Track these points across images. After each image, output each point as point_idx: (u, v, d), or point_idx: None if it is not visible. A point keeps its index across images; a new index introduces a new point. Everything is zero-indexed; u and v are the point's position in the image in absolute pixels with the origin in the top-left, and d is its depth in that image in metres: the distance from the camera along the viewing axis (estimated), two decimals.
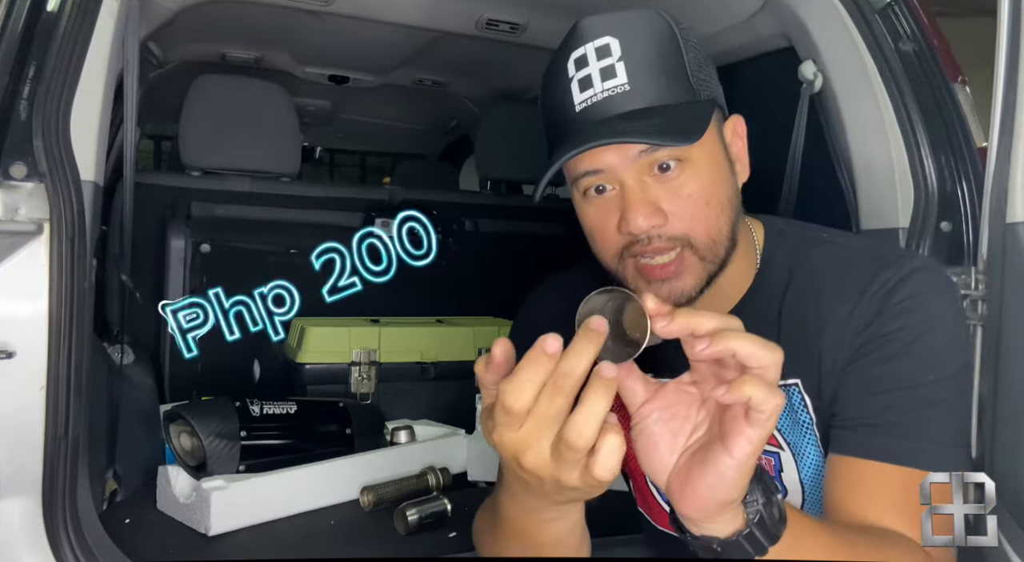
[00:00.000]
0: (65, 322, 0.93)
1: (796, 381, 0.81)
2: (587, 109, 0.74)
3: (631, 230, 0.74)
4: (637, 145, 0.72)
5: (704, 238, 0.75)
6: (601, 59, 0.74)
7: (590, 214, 0.78)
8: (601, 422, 0.52)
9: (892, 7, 1.21)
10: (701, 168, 0.75)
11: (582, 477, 0.55)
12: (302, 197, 1.94)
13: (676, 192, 0.74)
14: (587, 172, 0.75)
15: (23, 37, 0.98)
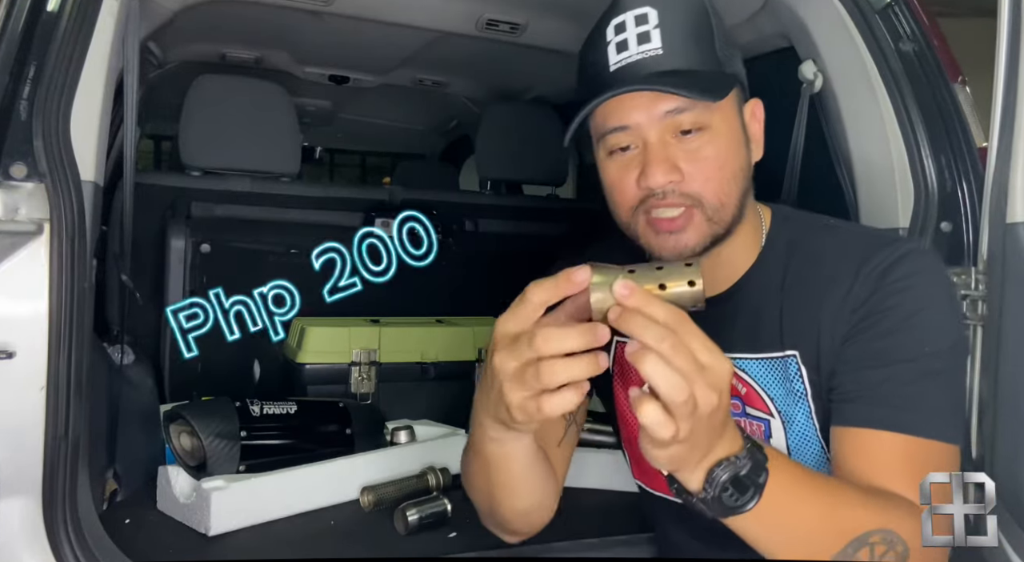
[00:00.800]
0: (65, 322, 0.93)
1: (795, 352, 0.87)
2: (621, 69, 0.80)
3: (649, 184, 0.80)
4: (663, 106, 0.79)
5: (714, 199, 0.82)
6: (639, 26, 0.80)
7: (612, 170, 0.85)
8: (571, 380, 0.60)
9: (892, 7, 1.21)
10: (719, 136, 0.82)
11: (521, 404, 0.62)
12: (302, 197, 1.94)
13: (694, 154, 0.81)
14: (615, 128, 0.82)
15: (23, 37, 0.98)
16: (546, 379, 0.60)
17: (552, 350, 0.59)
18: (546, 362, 0.60)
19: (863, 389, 0.81)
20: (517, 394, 0.62)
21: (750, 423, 0.90)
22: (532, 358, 0.60)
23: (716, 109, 0.82)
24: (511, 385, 0.62)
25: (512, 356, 0.62)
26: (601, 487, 1.33)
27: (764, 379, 0.89)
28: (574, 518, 1.20)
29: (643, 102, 0.80)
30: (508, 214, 2.13)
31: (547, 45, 1.87)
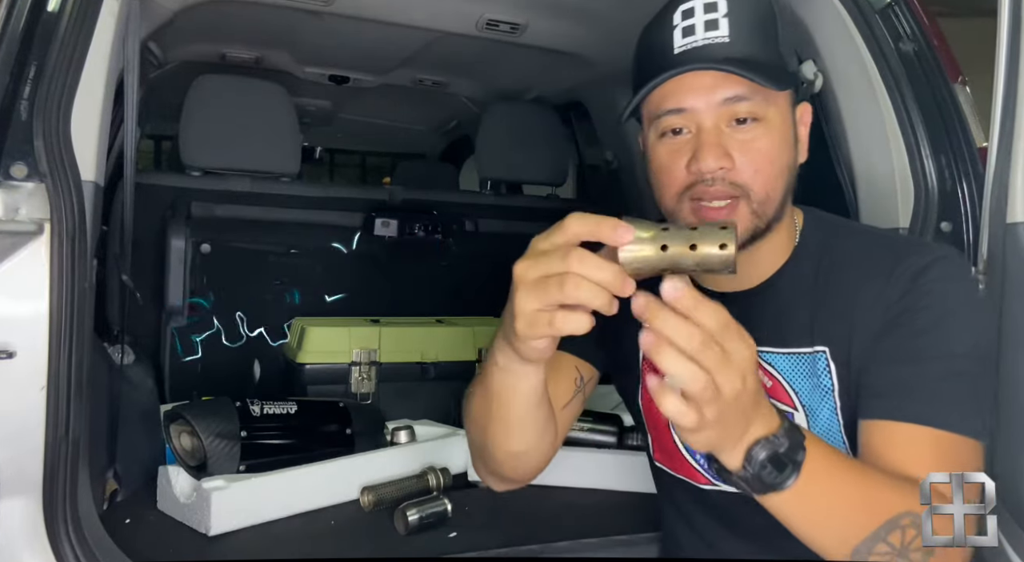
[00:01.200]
0: (65, 322, 0.93)
1: (824, 349, 0.87)
2: (685, 52, 0.81)
3: (700, 168, 0.80)
4: (723, 93, 0.80)
5: (760, 192, 0.82)
6: (707, 13, 0.81)
7: (661, 153, 0.84)
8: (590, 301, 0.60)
9: (892, 7, 1.21)
10: (773, 130, 0.83)
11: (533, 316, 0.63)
12: (302, 197, 1.94)
13: (747, 144, 0.82)
14: (670, 110, 0.82)
15: (24, 37, 0.98)
16: (569, 289, 0.60)
17: (583, 270, 0.60)
18: (573, 275, 0.60)
19: (894, 384, 0.82)
20: (532, 303, 0.63)
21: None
22: (560, 271, 0.61)
23: (773, 103, 0.83)
24: (528, 294, 0.63)
25: (537, 267, 0.63)
26: (601, 487, 1.33)
27: (790, 373, 0.90)
28: (574, 518, 1.21)
29: (703, 86, 0.81)
30: (508, 214, 2.13)
31: (547, 45, 1.87)
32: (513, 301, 0.64)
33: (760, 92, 0.81)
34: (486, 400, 0.83)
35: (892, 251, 0.87)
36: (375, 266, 1.95)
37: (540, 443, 0.90)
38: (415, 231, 1.98)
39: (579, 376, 0.97)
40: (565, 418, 0.97)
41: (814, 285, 0.89)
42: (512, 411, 0.82)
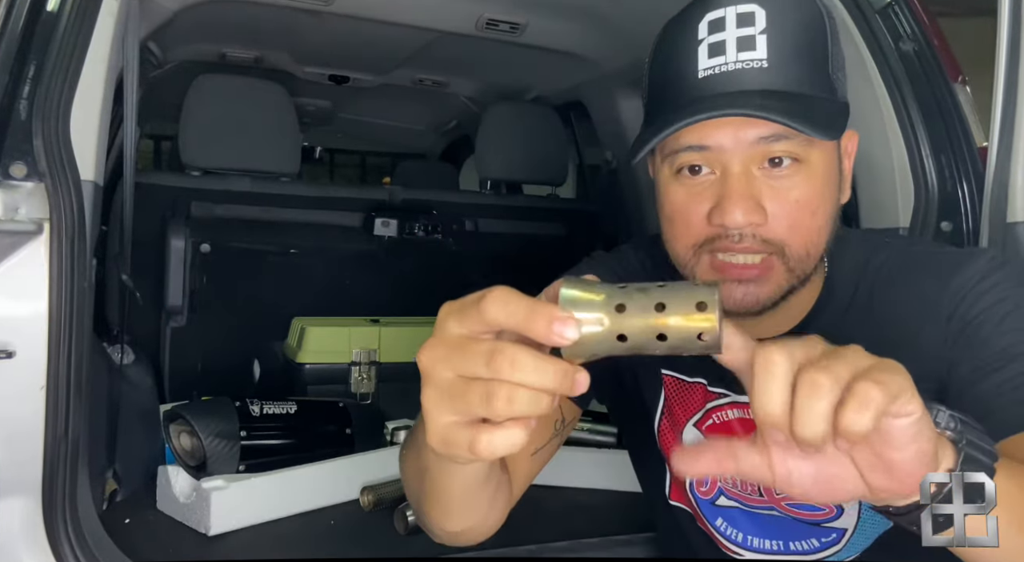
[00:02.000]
0: (65, 322, 0.93)
1: None
2: (712, 77, 0.65)
3: (725, 223, 0.66)
4: (757, 131, 0.65)
5: (800, 250, 0.68)
6: (741, 27, 0.65)
7: (677, 195, 0.69)
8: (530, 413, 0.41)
9: (892, 7, 1.21)
10: (816, 174, 0.68)
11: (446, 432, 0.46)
12: (302, 197, 1.94)
13: (784, 193, 0.66)
14: (690, 147, 0.67)
15: (23, 37, 0.98)
16: (499, 405, 0.41)
17: (517, 377, 0.41)
18: (503, 384, 0.41)
19: (994, 398, 0.68)
20: (446, 415, 0.46)
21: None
22: (484, 377, 0.43)
23: (817, 143, 0.67)
24: (439, 401, 0.47)
25: (451, 363, 0.45)
26: (601, 487, 1.33)
27: None
28: (574, 518, 1.21)
29: (733, 122, 0.65)
30: (508, 214, 2.13)
31: (547, 45, 1.87)
32: (422, 402, 0.48)
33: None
34: (418, 472, 0.65)
35: (937, 271, 0.74)
36: (375, 266, 1.95)
37: (484, 518, 0.72)
38: (415, 231, 1.98)
39: (560, 418, 0.79)
40: (536, 464, 0.79)
41: (854, 319, 0.76)
42: (450, 496, 0.64)
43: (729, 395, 0.81)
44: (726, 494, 0.82)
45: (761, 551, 0.80)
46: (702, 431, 0.81)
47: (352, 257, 1.94)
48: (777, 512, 0.80)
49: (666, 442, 0.86)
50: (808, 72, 0.67)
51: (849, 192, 0.75)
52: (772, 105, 0.63)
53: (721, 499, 0.82)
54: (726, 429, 0.81)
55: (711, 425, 0.82)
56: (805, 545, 0.79)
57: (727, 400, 0.80)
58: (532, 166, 2.18)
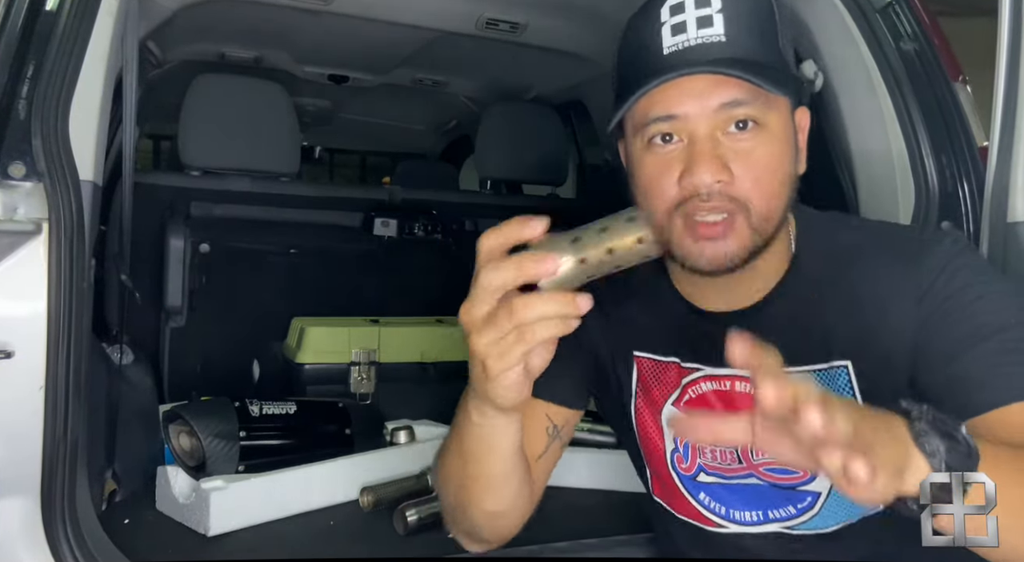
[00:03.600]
0: (64, 322, 0.93)
1: (845, 363, 0.80)
2: (676, 53, 0.72)
3: (695, 183, 0.72)
4: (719, 97, 0.71)
5: (761, 207, 0.74)
6: (699, 8, 0.72)
7: (649, 165, 0.75)
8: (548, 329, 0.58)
9: (893, 6, 1.21)
10: (775, 137, 0.74)
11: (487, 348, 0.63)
12: (302, 197, 1.94)
13: (747, 154, 0.73)
14: (659, 117, 0.73)
15: (22, 36, 0.98)
16: (528, 336, 0.59)
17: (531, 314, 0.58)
18: (525, 326, 0.59)
19: (965, 378, 0.73)
20: (490, 334, 0.62)
21: None
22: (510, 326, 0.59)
23: (773, 107, 0.74)
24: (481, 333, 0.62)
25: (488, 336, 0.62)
26: (601, 487, 1.33)
27: None
28: (574, 518, 1.21)
29: (697, 90, 0.71)
30: (508, 214, 2.11)
31: (547, 45, 1.87)
32: (471, 349, 0.63)
33: (760, 96, 0.72)
34: (461, 459, 0.78)
35: (903, 251, 0.80)
36: (375, 266, 1.95)
37: (517, 501, 0.84)
38: (415, 231, 1.97)
39: (551, 425, 0.89)
40: (541, 469, 0.89)
41: (822, 295, 0.81)
42: (490, 468, 0.78)
43: (703, 369, 0.85)
44: (706, 470, 0.86)
45: (743, 523, 0.85)
46: (680, 408, 0.86)
47: (352, 257, 1.94)
48: (756, 479, 0.84)
49: (643, 424, 0.91)
50: (760, 46, 0.74)
51: (804, 164, 0.80)
52: (730, 68, 0.71)
53: (701, 476, 0.86)
54: (702, 402, 0.85)
55: (688, 400, 0.86)
56: (783, 512, 0.83)
57: (701, 374, 0.85)
58: (532, 166, 2.18)
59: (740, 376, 0.81)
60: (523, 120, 2.20)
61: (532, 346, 0.59)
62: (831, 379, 0.80)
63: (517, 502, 0.84)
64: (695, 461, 0.87)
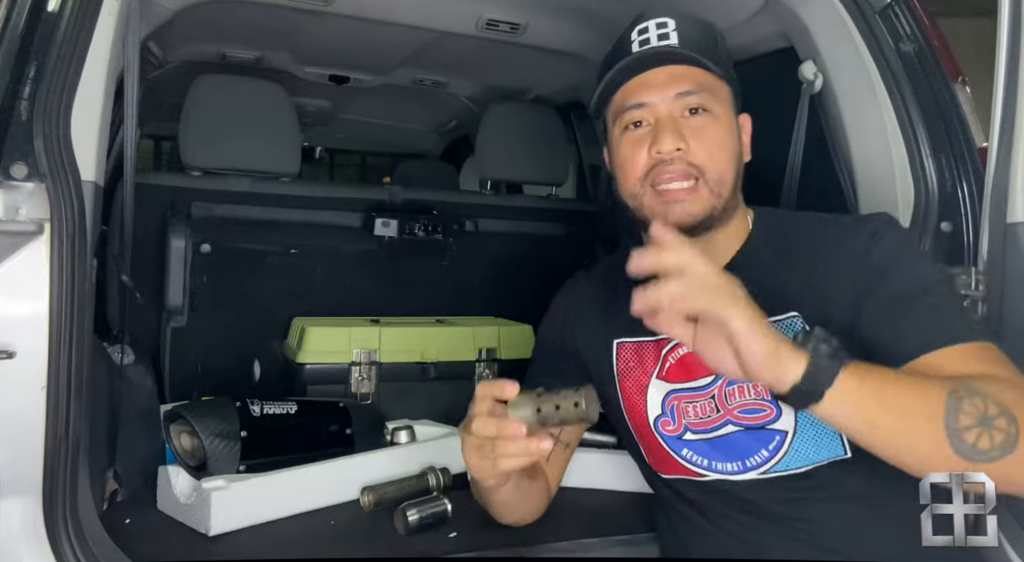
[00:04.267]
0: (66, 322, 0.93)
1: (796, 313, 0.95)
2: (642, 52, 0.95)
3: (660, 149, 0.93)
4: (676, 88, 0.94)
5: (715, 173, 0.94)
6: (659, 29, 0.96)
7: (625, 145, 0.97)
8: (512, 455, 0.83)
9: (892, 7, 1.21)
10: (720, 122, 0.96)
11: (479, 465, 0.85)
12: (302, 197, 1.94)
13: (699, 131, 0.94)
14: (632, 105, 0.96)
15: (24, 37, 0.98)
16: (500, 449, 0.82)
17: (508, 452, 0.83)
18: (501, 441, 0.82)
19: (900, 331, 0.88)
20: (475, 457, 0.85)
21: (754, 384, 0.96)
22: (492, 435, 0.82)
23: (718, 100, 0.96)
24: (470, 450, 0.85)
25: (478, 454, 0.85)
26: (601, 487, 1.33)
27: None
28: (574, 518, 1.21)
29: (659, 82, 0.94)
30: (508, 214, 2.13)
31: (547, 45, 1.87)
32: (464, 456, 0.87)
33: (707, 88, 0.94)
34: (477, 492, 1.06)
35: (842, 224, 0.99)
36: (375, 266, 1.95)
37: (533, 507, 1.09)
38: (415, 231, 1.97)
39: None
40: (555, 466, 1.12)
41: (775, 262, 0.98)
42: (499, 502, 1.05)
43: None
44: (691, 429, 1.00)
45: (724, 472, 0.98)
46: (664, 378, 1.02)
47: (352, 257, 1.94)
48: (732, 425, 0.97)
49: (629, 401, 1.05)
50: (705, 54, 0.95)
51: (749, 156, 1.01)
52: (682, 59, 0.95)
53: (687, 434, 1.01)
54: (681, 365, 1.01)
55: (670, 368, 1.02)
56: (758, 459, 0.96)
57: (676, 341, 0.99)
58: (532, 166, 2.18)
59: None
60: (523, 120, 2.19)
61: (505, 471, 0.85)
62: (788, 328, 0.95)
63: (530, 507, 1.10)
64: (681, 422, 1.01)
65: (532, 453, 0.82)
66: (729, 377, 0.82)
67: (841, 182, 1.33)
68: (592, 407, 0.84)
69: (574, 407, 0.84)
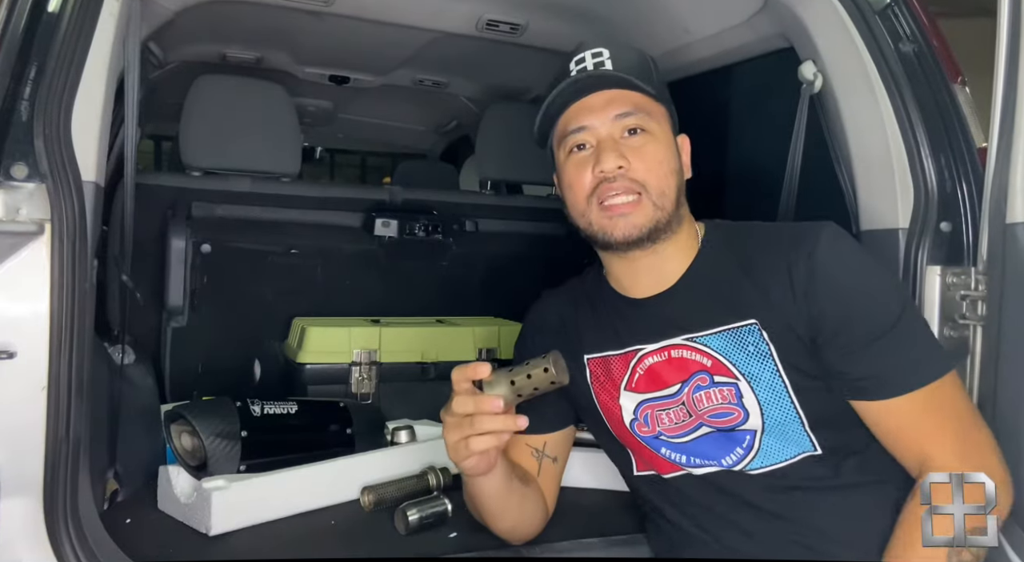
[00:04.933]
0: (66, 322, 0.94)
1: (754, 320, 0.99)
2: (581, 76, 1.01)
3: (603, 168, 0.98)
4: (614, 110, 1.00)
5: (656, 187, 0.99)
6: (595, 58, 1.02)
7: (570, 167, 1.03)
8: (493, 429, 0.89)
9: (892, 8, 1.21)
10: (658, 141, 1.01)
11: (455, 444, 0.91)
12: (302, 197, 1.94)
13: (639, 149, 1.00)
14: (574, 129, 1.02)
15: (24, 37, 0.98)
16: (477, 425, 0.89)
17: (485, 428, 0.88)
18: (478, 417, 0.88)
19: (860, 377, 0.94)
20: (453, 435, 0.90)
21: (720, 390, 0.99)
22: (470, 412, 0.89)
23: (655, 120, 1.02)
24: (450, 429, 0.91)
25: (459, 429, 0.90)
26: (601, 487, 1.33)
27: (724, 349, 1.00)
28: (574, 518, 1.21)
29: (598, 106, 1.01)
30: (508, 214, 2.13)
31: (547, 45, 1.87)
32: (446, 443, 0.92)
33: (643, 109, 1.01)
34: (469, 499, 1.09)
35: (785, 237, 1.00)
36: (375, 266, 1.95)
37: (523, 517, 1.09)
38: (415, 231, 1.97)
39: (532, 450, 1.13)
40: (545, 483, 1.14)
41: (730, 271, 1.02)
42: (488, 503, 1.05)
43: (644, 347, 1.05)
44: (666, 434, 1.04)
45: (703, 467, 1.02)
46: (633, 390, 1.06)
47: (352, 257, 1.94)
48: (706, 428, 1.02)
49: (607, 409, 1.09)
50: (640, 76, 1.01)
51: (689, 173, 1.06)
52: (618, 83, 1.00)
53: (663, 437, 1.05)
54: (651, 373, 1.05)
55: (638, 379, 1.06)
56: (733, 457, 1.01)
57: (643, 351, 1.05)
58: (532, 166, 2.18)
59: (674, 345, 1.03)
60: (523, 120, 2.19)
61: (479, 450, 0.90)
62: (747, 334, 0.99)
63: (524, 516, 1.09)
64: (655, 428, 1.05)
65: (509, 427, 0.88)
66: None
67: (841, 182, 1.33)
68: (561, 369, 0.89)
69: (544, 373, 0.89)
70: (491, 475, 0.98)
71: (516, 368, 0.91)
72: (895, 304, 0.96)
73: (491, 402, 0.87)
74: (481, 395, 0.89)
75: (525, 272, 1.94)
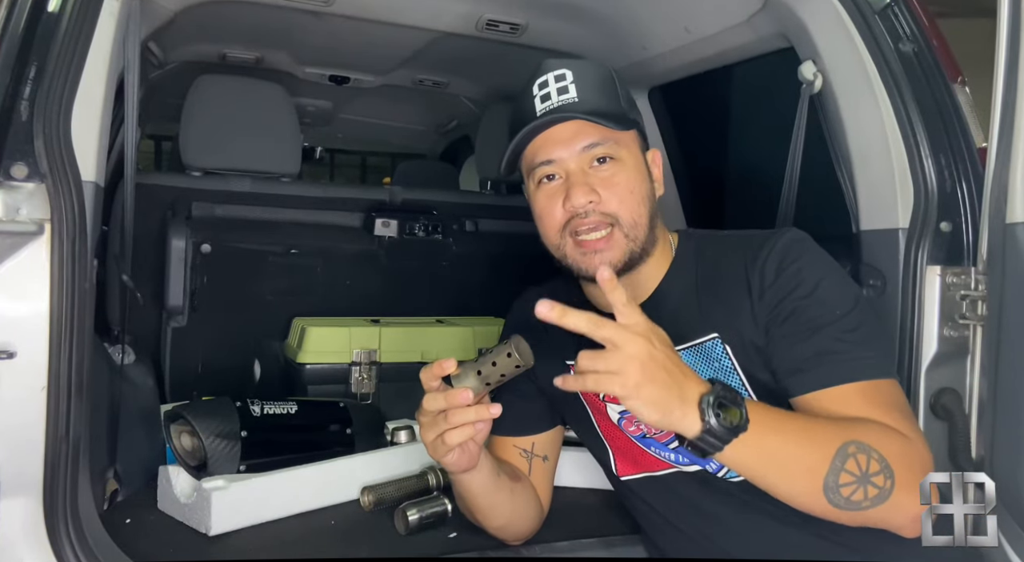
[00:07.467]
0: (66, 322, 0.94)
1: (716, 334, 1.00)
2: (545, 114, 0.99)
3: (574, 204, 0.97)
4: (582, 142, 0.98)
5: (628, 219, 0.99)
6: (558, 82, 1.00)
7: (540, 199, 1.02)
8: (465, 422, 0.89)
9: (892, 7, 1.21)
10: (628, 168, 1.00)
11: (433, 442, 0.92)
12: (302, 197, 1.94)
13: (608, 180, 0.99)
14: (542, 162, 1.00)
15: (24, 37, 0.98)
16: (451, 420, 0.89)
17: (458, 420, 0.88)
18: (451, 411, 0.89)
19: (806, 359, 0.93)
20: (429, 434, 0.91)
21: None
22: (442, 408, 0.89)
23: (624, 146, 1.00)
24: (425, 429, 0.91)
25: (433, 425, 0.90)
26: (601, 487, 1.33)
27: (693, 364, 1.00)
28: (574, 518, 1.21)
29: (565, 138, 0.99)
30: (508, 214, 2.13)
31: (547, 45, 1.87)
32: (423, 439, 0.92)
33: (611, 137, 0.98)
34: (458, 497, 1.08)
35: (746, 247, 1.00)
36: (375, 266, 1.95)
37: (514, 515, 1.08)
38: (415, 231, 1.98)
39: (520, 450, 1.13)
40: (537, 483, 1.13)
41: (695, 287, 1.03)
42: (477, 500, 1.04)
43: None
44: (648, 435, 1.06)
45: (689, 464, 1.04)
46: (614, 399, 1.04)
47: (352, 257, 1.94)
48: None
49: (593, 407, 1.09)
50: (603, 101, 1.01)
51: (662, 189, 1.06)
52: (584, 115, 0.98)
53: (648, 437, 1.06)
54: None
55: None
56: (714, 464, 1.01)
57: None
58: None
59: None
60: None
61: (455, 443, 0.90)
62: (711, 349, 1.00)
63: (516, 512, 1.08)
64: (641, 428, 1.06)
65: (482, 416, 0.88)
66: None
67: (841, 182, 1.33)
68: (525, 352, 0.89)
69: (508, 358, 0.89)
70: (477, 471, 0.98)
71: (481, 358, 0.91)
72: (847, 301, 0.95)
73: (460, 395, 0.87)
74: (450, 390, 0.89)
75: (525, 272, 1.94)
